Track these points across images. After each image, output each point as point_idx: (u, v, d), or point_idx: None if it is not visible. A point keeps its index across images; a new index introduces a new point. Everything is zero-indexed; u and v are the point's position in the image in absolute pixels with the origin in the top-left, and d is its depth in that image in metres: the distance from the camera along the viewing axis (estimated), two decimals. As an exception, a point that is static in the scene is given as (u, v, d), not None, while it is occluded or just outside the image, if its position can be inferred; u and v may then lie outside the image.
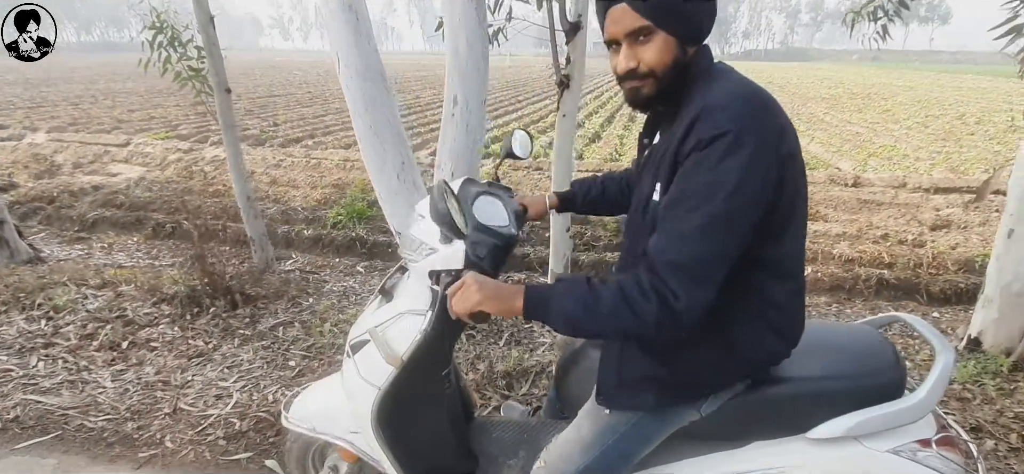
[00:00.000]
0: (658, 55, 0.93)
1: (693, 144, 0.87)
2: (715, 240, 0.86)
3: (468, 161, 2.73)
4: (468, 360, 2.39)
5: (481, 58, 2.66)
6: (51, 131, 10.12)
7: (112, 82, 19.28)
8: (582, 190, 1.49)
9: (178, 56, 3.67)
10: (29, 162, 7.93)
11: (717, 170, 0.84)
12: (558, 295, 0.94)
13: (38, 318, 2.74)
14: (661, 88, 0.97)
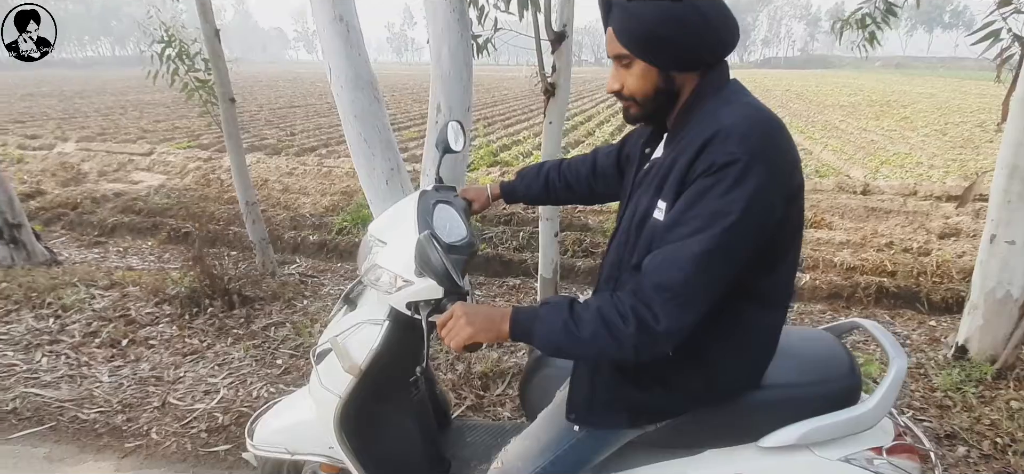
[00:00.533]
0: (637, 82, 0.96)
1: (703, 168, 0.86)
2: (709, 268, 0.85)
3: (451, 167, 2.79)
4: (447, 361, 2.44)
5: (464, 67, 2.72)
6: (80, 141, 10.55)
7: (141, 94, 20.00)
8: (524, 182, 1.49)
9: (186, 68, 3.84)
10: (57, 170, 8.30)
11: (724, 198, 0.83)
12: (541, 319, 0.94)
13: (46, 316, 2.89)
14: (647, 112, 1.00)
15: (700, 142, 0.88)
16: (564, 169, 1.46)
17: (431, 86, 2.81)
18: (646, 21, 0.91)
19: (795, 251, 1.00)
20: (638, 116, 1.02)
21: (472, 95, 2.87)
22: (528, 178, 1.49)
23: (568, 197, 1.49)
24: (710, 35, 0.92)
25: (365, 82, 2.68)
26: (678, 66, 0.95)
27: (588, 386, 1.09)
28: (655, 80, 0.95)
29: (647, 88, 0.96)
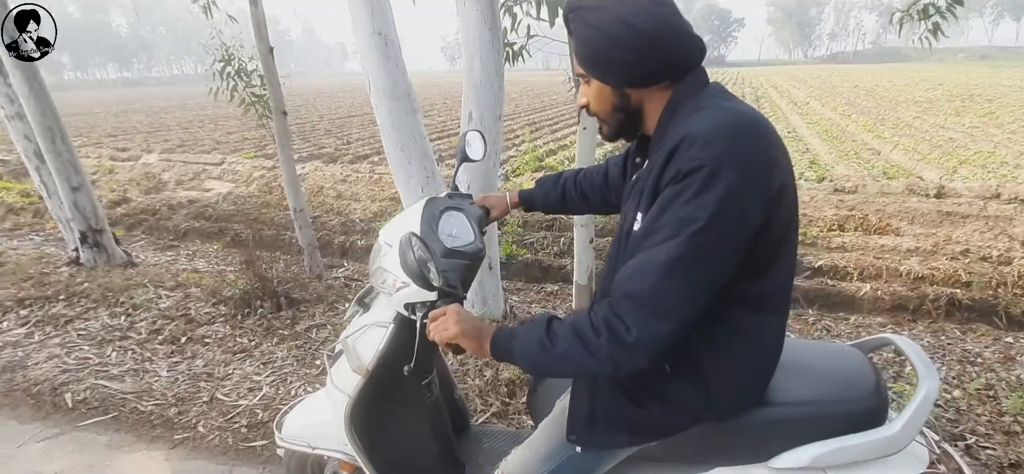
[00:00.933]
0: (595, 100, 0.99)
1: (671, 176, 0.85)
2: (679, 275, 0.83)
3: (483, 174, 2.83)
4: (476, 366, 2.47)
5: (495, 76, 2.76)
6: (162, 152, 11.52)
7: (217, 109, 21.61)
8: (542, 190, 1.50)
9: (244, 84, 4.12)
10: (141, 179, 9.10)
11: (690, 205, 0.81)
12: (519, 338, 0.95)
13: (119, 314, 3.18)
14: (614, 129, 1.02)
15: (668, 150, 0.87)
16: (580, 179, 1.46)
17: (463, 94, 2.87)
18: (590, 42, 0.93)
19: (788, 255, 0.95)
20: (610, 133, 1.04)
21: (503, 103, 2.91)
22: (546, 187, 1.50)
23: (584, 207, 1.48)
24: (659, 54, 0.92)
25: (402, 93, 2.77)
26: (630, 83, 0.95)
27: (587, 405, 1.08)
28: (610, 97, 0.97)
29: (605, 106, 0.99)
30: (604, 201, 1.42)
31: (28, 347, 2.83)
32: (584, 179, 1.45)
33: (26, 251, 4.78)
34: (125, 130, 15.69)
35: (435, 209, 1.34)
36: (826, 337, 2.78)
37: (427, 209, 1.32)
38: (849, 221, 4.74)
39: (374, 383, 1.34)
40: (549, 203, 1.50)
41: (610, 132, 1.03)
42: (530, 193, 1.51)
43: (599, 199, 1.43)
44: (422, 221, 1.28)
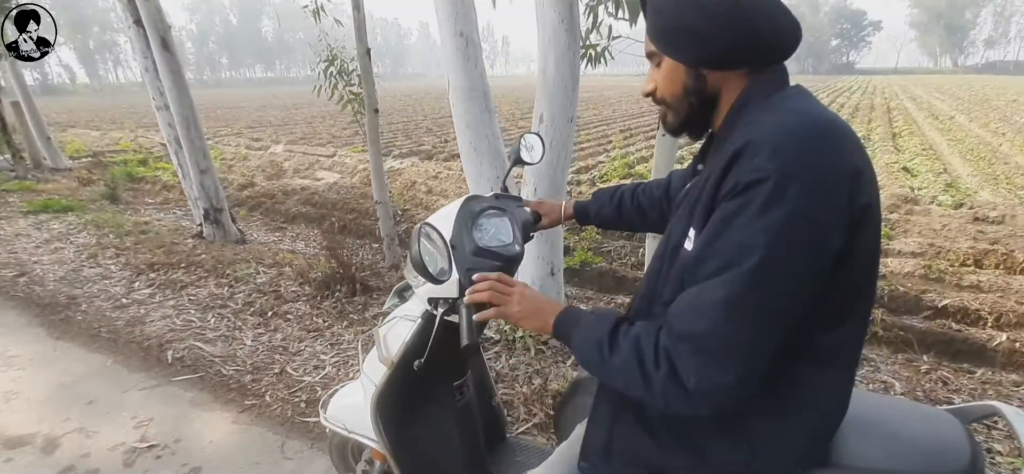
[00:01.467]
0: (664, 82, 0.87)
1: (729, 188, 0.72)
2: (741, 317, 0.69)
3: (550, 177, 2.77)
4: (526, 374, 2.41)
5: (569, 77, 2.69)
6: (288, 143, 12.84)
7: (337, 107, 23.70)
8: (597, 204, 1.40)
9: (344, 83, 4.44)
10: (267, 167, 10.21)
11: (749, 227, 0.68)
12: (583, 327, 0.87)
13: (224, 284, 3.57)
14: (682, 119, 0.89)
15: (728, 157, 0.74)
16: (639, 192, 1.34)
17: (536, 95, 2.82)
18: (665, 9, 0.81)
19: (867, 295, 0.78)
20: (675, 124, 0.90)
21: (576, 105, 2.82)
22: (602, 200, 1.40)
23: (641, 223, 1.36)
24: (745, 28, 0.78)
25: (479, 93, 2.80)
26: (708, 62, 0.82)
27: (606, 433, 0.97)
28: (683, 79, 0.84)
29: (676, 89, 0.85)
30: (663, 217, 1.29)
31: (149, 306, 3.27)
32: (643, 192, 1.33)
33: (167, 223, 5.56)
34: (261, 123, 17.75)
35: (475, 207, 1.31)
36: (941, 391, 2.33)
37: (466, 206, 1.29)
38: (989, 256, 3.97)
39: (401, 376, 1.34)
40: (603, 217, 1.39)
41: (675, 121, 0.89)
42: (584, 205, 1.41)
43: (657, 214, 1.30)
44: (457, 217, 1.25)
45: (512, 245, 1.25)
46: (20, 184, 7.43)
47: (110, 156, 11.09)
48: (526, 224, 1.37)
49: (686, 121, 0.89)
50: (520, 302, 0.95)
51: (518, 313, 0.94)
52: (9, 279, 3.72)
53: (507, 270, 1.22)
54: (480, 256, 1.16)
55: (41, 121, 9.34)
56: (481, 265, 1.15)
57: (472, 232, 1.23)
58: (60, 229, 5.01)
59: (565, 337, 0.89)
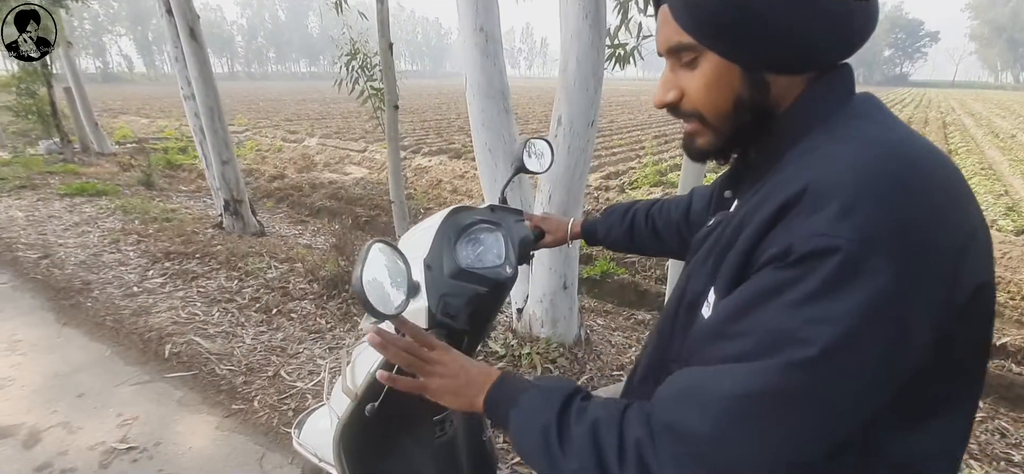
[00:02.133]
0: (702, 90, 0.61)
1: (775, 253, 0.51)
2: (761, 426, 0.49)
3: (567, 185, 2.57)
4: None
5: (590, 77, 2.49)
6: (322, 137, 13.02)
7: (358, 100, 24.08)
8: (607, 223, 1.22)
9: (366, 78, 4.36)
10: (299, 159, 10.35)
11: (801, 313, 0.47)
12: (524, 407, 0.66)
13: (234, 278, 3.52)
14: (726, 140, 0.64)
15: (779, 202, 0.53)
16: (654, 212, 1.14)
17: (556, 97, 2.64)
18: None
19: (973, 389, 0.57)
20: (708, 148, 0.66)
21: (598, 108, 2.62)
22: (612, 218, 1.21)
23: (656, 247, 1.15)
24: (839, 8, 0.55)
25: (497, 91, 2.64)
26: (779, 63, 0.58)
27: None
28: (735, 87, 0.60)
29: (721, 101, 0.61)
30: (682, 243, 1.08)
31: (159, 296, 3.25)
32: (659, 212, 1.13)
33: (194, 211, 5.63)
34: (300, 116, 18.14)
35: (462, 220, 1.14)
36: (999, 444, 2.02)
37: (450, 219, 1.12)
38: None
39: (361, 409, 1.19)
40: (613, 238, 1.20)
41: (714, 143, 0.65)
42: (593, 223, 1.23)
43: (675, 240, 1.10)
44: (438, 231, 1.07)
45: (502, 266, 1.07)
46: (65, 166, 7.72)
47: (153, 143, 11.48)
48: (524, 242, 1.18)
49: (729, 144, 0.65)
50: (443, 374, 0.74)
51: (438, 388, 0.74)
52: (32, 261, 3.78)
53: (494, 296, 1.04)
54: (460, 279, 0.99)
55: (90, 107, 9.73)
56: (461, 290, 0.98)
57: (455, 250, 1.06)
58: (91, 213, 5.12)
59: (501, 421, 0.68)
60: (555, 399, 0.64)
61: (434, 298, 0.93)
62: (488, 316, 1.13)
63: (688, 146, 0.68)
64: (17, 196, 5.64)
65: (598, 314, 3.32)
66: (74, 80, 9.36)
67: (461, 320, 0.95)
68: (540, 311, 2.64)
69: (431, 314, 0.91)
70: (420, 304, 0.92)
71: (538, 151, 1.34)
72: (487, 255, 1.10)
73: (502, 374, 0.74)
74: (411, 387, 0.76)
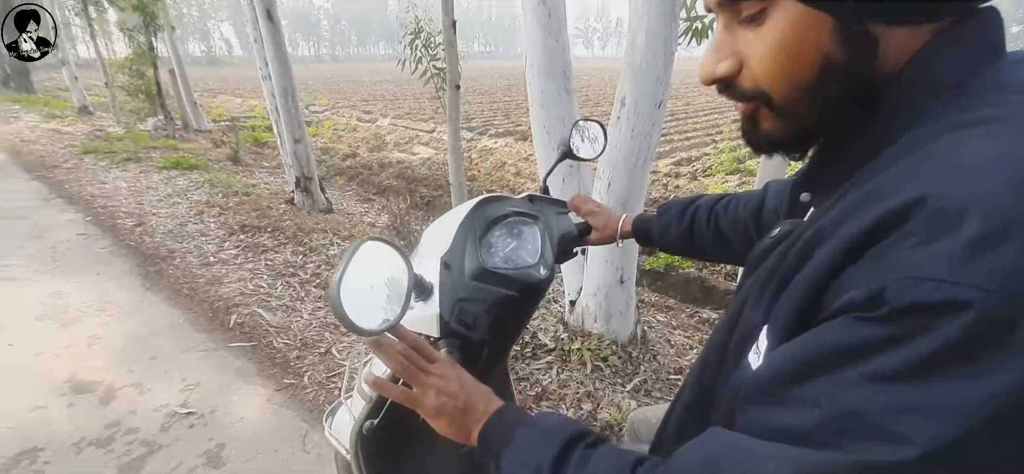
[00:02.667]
0: (776, 55, 0.43)
1: (861, 295, 0.35)
2: None
3: (629, 172, 2.38)
4: (575, 395, 2.10)
5: (661, 53, 2.27)
6: (394, 117, 13.39)
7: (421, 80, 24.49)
8: (662, 221, 1.04)
9: (430, 57, 4.33)
10: (371, 139, 10.69)
11: (895, 393, 0.32)
12: (517, 446, 0.58)
13: (299, 253, 3.65)
14: (798, 127, 0.46)
15: (872, 218, 0.37)
16: (719, 210, 0.96)
17: (621, 75, 2.44)
18: None
19: None
20: (776, 136, 0.48)
21: (667, 88, 2.39)
22: (669, 217, 1.03)
23: (721, 252, 0.97)
24: None
25: (558, 71, 2.50)
26: (891, 6, 0.40)
27: None
28: (825, 46, 0.41)
29: (801, 68, 0.43)
30: (750, 247, 0.87)
31: (231, 267, 3.43)
32: (725, 211, 0.95)
33: (272, 187, 5.94)
34: (375, 97, 18.79)
35: (492, 212, 1.00)
36: None
37: (478, 210, 0.98)
38: None
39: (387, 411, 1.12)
40: (669, 239, 1.03)
41: (785, 129, 0.47)
42: (647, 221, 1.06)
43: (742, 246, 0.91)
44: (461, 225, 0.94)
45: (534, 266, 0.92)
46: (166, 142, 8.46)
47: (244, 121, 12.32)
48: (567, 238, 1.04)
49: (807, 130, 0.47)
50: (439, 393, 0.65)
51: (432, 407, 0.65)
52: (128, 228, 4.14)
53: (523, 301, 0.89)
54: (483, 281, 0.85)
55: (190, 87, 10.58)
56: (482, 293, 0.84)
57: (480, 246, 0.92)
58: (182, 185, 5.55)
59: (493, 455, 0.60)
60: (554, 441, 0.55)
61: (449, 302, 0.82)
62: (515, 325, 0.99)
63: (748, 132, 0.50)
64: (123, 168, 6.23)
65: (659, 310, 3.10)
66: (177, 62, 10.19)
67: (480, 329, 0.82)
68: (594, 305, 2.49)
69: (443, 322, 0.80)
70: (430, 310, 0.81)
71: (592, 135, 1.18)
72: (519, 253, 0.96)
73: (505, 406, 0.64)
74: (403, 398, 0.67)
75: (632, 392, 2.13)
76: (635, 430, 1.18)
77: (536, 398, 2.07)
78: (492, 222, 0.99)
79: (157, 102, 9.77)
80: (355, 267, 0.66)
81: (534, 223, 1.01)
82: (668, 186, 6.20)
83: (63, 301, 2.93)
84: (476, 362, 0.85)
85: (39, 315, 2.78)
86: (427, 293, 0.84)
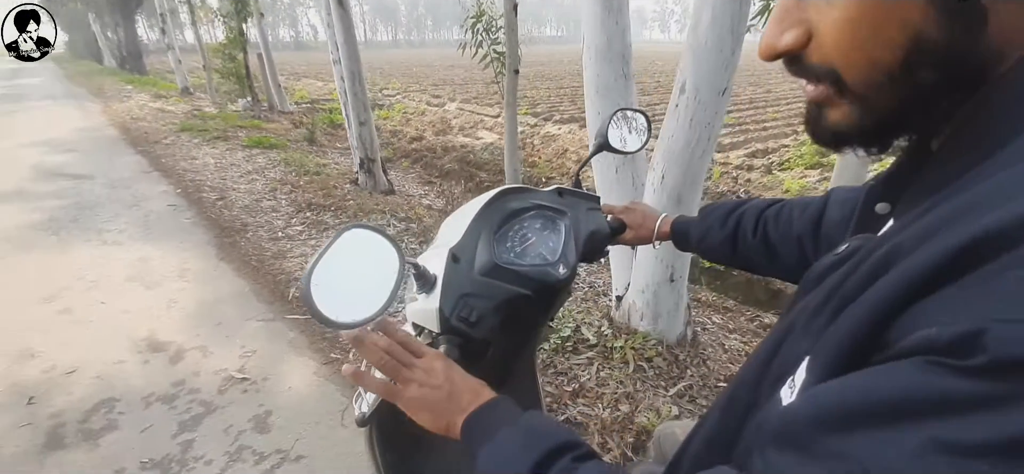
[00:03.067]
0: (853, 26, 0.35)
1: (948, 335, 0.26)
2: None
3: (685, 164, 2.23)
4: (614, 394, 2.02)
5: (727, 34, 2.10)
6: (462, 101, 13.57)
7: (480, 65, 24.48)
8: (702, 224, 0.93)
9: (490, 42, 4.31)
10: (438, 122, 10.91)
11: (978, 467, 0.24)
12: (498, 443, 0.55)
13: (357, 232, 3.78)
14: (876, 117, 0.38)
15: (968, 236, 0.28)
16: (768, 216, 0.84)
17: (681, 58, 2.29)
18: None
19: None
20: (848, 127, 0.39)
21: (733, 73, 2.22)
22: (710, 220, 0.92)
23: (768, 265, 0.85)
24: None
25: (616, 54, 2.40)
26: None
27: None
28: (916, 19, 0.33)
29: (883, 45, 0.35)
30: (803, 263, 0.76)
31: (296, 242, 3.62)
32: (776, 218, 0.82)
33: (341, 167, 6.22)
34: (445, 81, 19.15)
35: (514, 204, 0.93)
36: None
37: (497, 202, 0.92)
38: None
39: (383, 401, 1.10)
40: (708, 246, 0.92)
41: (860, 119, 0.38)
42: (686, 223, 0.96)
43: (793, 261, 0.79)
44: (478, 216, 0.88)
45: (553, 265, 0.85)
46: (252, 122, 9.09)
47: (322, 104, 12.99)
48: (596, 236, 0.95)
49: (889, 123, 0.38)
50: (421, 386, 0.61)
51: (412, 399, 0.62)
52: (211, 201, 4.49)
53: (538, 301, 0.83)
54: (493, 276, 0.80)
55: (275, 71, 11.28)
56: (491, 290, 0.79)
57: (495, 239, 0.87)
58: (262, 163, 5.93)
59: (473, 451, 0.57)
60: (537, 446, 0.51)
61: (452, 297, 0.77)
62: (529, 326, 0.93)
63: (812, 120, 0.41)
64: (213, 145, 6.76)
65: (715, 311, 2.92)
66: (264, 46, 10.88)
67: (483, 328, 0.77)
68: (641, 302, 2.38)
69: (443, 317, 0.76)
70: (431, 304, 0.77)
71: (638, 126, 1.10)
72: (537, 249, 0.89)
73: (495, 399, 0.60)
74: (382, 390, 0.64)
75: (675, 397, 2.01)
76: (660, 444, 1.10)
77: (573, 394, 2.01)
78: (512, 215, 0.94)
79: (245, 84, 10.51)
80: (336, 256, 0.63)
81: (560, 218, 0.95)
82: (738, 179, 5.82)
83: (149, 265, 3.23)
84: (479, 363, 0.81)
85: (128, 277, 3.08)
86: (430, 285, 0.80)
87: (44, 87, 14.26)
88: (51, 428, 1.91)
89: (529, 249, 0.90)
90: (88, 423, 1.93)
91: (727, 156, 6.63)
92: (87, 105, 10.64)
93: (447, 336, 0.77)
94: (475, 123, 10.59)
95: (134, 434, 1.88)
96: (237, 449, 1.82)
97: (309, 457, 1.78)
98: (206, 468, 1.74)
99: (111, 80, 15.33)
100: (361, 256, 0.66)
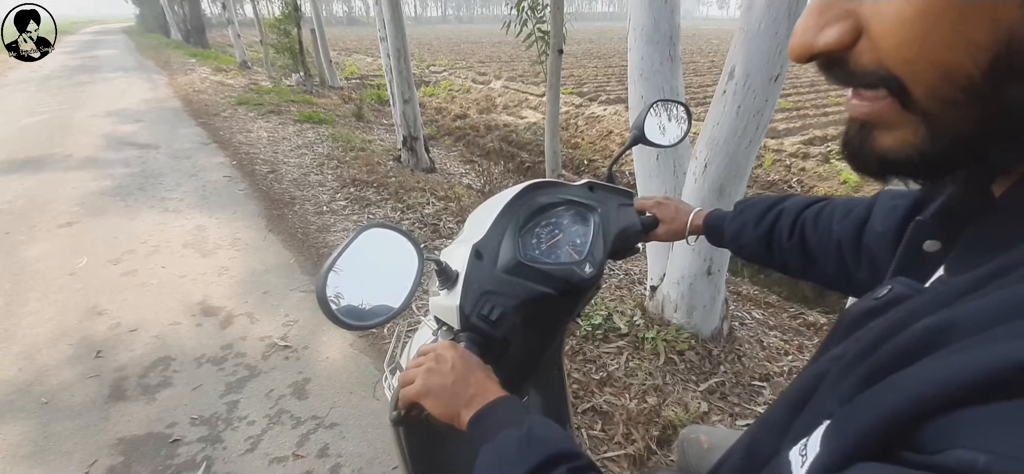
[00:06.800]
0: (920, 22, 0.27)
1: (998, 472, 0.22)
2: None
3: (730, 154, 2.15)
4: (642, 386, 1.99)
5: (783, 16, 1.99)
6: (507, 80, 13.48)
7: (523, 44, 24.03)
8: (737, 221, 0.87)
9: (535, 21, 4.24)
10: (482, 101, 10.90)
11: None
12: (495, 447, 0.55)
13: (398, 209, 3.87)
14: (943, 144, 0.30)
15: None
16: (807, 218, 0.77)
17: (732, 42, 2.19)
18: None
19: None
20: (904, 154, 0.31)
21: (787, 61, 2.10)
22: (745, 217, 0.86)
23: (805, 269, 0.78)
24: None
25: (663, 36, 2.32)
26: None
27: None
28: (1007, 15, 0.25)
29: (960, 46, 0.26)
30: (842, 271, 0.71)
31: (339, 217, 3.74)
32: (814, 220, 0.76)
33: (386, 144, 6.34)
34: (491, 59, 19.04)
35: (541, 199, 0.92)
36: None
37: (524, 197, 0.91)
38: None
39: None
40: (742, 244, 0.86)
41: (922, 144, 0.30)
42: (720, 218, 0.90)
43: (832, 267, 0.73)
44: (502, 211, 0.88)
45: (579, 264, 0.83)
46: (304, 96, 9.38)
47: (371, 80, 13.23)
48: (627, 233, 0.93)
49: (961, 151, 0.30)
50: (432, 370, 0.62)
51: (421, 387, 0.63)
52: (263, 174, 4.69)
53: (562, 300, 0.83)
54: (516, 274, 0.79)
55: (327, 46, 11.55)
56: (513, 288, 0.79)
57: (520, 235, 0.86)
58: (312, 137, 6.13)
59: (477, 446, 0.57)
60: (534, 454, 0.50)
61: (472, 295, 0.76)
62: (552, 325, 0.92)
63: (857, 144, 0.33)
64: (266, 119, 7.03)
65: (755, 305, 2.82)
66: (317, 22, 11.15)
67: (504, 325, 0.76)
68: (676, 294, 2.33)
69: (463, 314, 0.75)
70: (452, 301, 0.77)
71: (674, 117, 1.06)
72: (564, 246, 0.88)
73: (502, 399, 0.60)
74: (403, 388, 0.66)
75: (705, 393, 1.97)
76: (684, 450, 1.08)
77: (600, 383, 2.00)
78: (540, 210, 0.92)
79: (299, 59, 10.82)
80: (355, 255, 0.64)
81: (589, 214, 0.93)
82: (791, 168, 5.54)
83: (205, 234, 3.43)
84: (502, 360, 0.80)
85: (186, 244, 3.28)
86: (452, 282, 0.79)
87: (117, 59, 15.20)
88: (115, 381, 2.08)
89: (556, 246, 0.88)
90: (147, 378, 2.09)
91: (781, 142, 6.31)
92: (154, 77, 11.28)
93: (467, 333, 0.76)
94: (520, 102, 10.52)
95: (186, 391, 2.03)
96: (277, 412, 1.92)
97: (342, 425, 1.87)
98: (248, 428, 1.85)
99: (177, 53, 16.15)
100: (380, 255, 0.67)
